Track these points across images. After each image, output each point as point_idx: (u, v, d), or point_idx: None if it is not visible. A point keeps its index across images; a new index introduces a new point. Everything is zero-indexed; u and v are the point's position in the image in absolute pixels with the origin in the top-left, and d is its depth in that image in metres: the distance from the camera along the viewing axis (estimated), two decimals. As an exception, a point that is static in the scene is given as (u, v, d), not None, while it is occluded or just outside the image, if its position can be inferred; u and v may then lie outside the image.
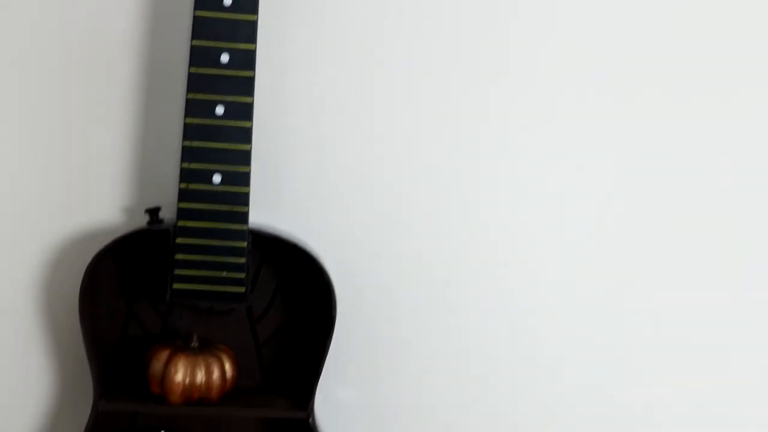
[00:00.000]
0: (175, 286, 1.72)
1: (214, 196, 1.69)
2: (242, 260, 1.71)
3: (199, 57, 1.66)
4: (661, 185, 1.89)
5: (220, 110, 1.67)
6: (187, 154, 1.68)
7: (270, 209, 1.84)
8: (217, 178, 1.69)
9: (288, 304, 1.86)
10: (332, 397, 1.91)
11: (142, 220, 1.80)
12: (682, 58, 1.85)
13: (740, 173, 1.90)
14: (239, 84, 1.67)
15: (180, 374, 1.74)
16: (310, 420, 1.79)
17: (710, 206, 1.91)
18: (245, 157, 1.69)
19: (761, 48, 1.85)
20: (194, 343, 1.78)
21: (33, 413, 1.89)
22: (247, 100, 1.68)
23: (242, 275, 1.72)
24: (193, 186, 1.69)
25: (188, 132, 1.68)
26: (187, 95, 1.67)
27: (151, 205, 1.80)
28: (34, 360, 1.88)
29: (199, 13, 1.64)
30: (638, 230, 1.90)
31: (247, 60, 1.66)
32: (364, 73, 1.83)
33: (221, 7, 1.64)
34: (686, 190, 1.90)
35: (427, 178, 1.88)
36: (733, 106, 1.87)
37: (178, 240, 1.70)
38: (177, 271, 1.71)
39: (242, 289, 1.72)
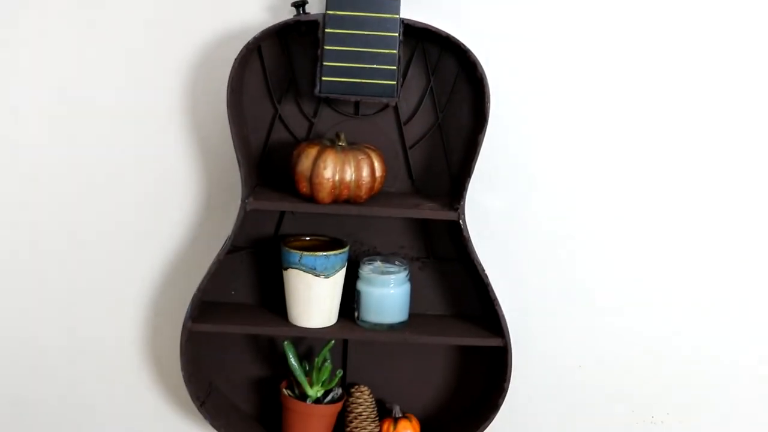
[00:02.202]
0: (325, 78, 1.67)
1: (365, -18, 1.64)
2: (394, 51, 1.66)
3: None
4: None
5: None
6: (336, -61, 1.63)
7: (419, 2, 1.77)
8: (368, -35, 1.63)
9: (437, 105, 1.81)
10: (480, 204, 1.86)
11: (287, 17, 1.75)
12: None
13: None
14: None
15: (329, 170, 1.70)
16: (461, 221, 1.74)
17: None
18: (397, -58, 1.63)
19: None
20: (342, 142, 1.75)
21: (184, 211, 1.90)
22: None
23: (393, 67, 1.66)
24: (343, -28, 1.64)
25: None
26: None
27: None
28: (182, 160, 1.88)
29: None
30: None
31: None
32: None
33: None
34: None
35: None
36: None
37: (328, 30, 1.66)
38: (326, 63, 1.67)
39: (393, 82, 1.67)
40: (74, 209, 1.90)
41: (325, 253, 1.77)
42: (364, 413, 1.88)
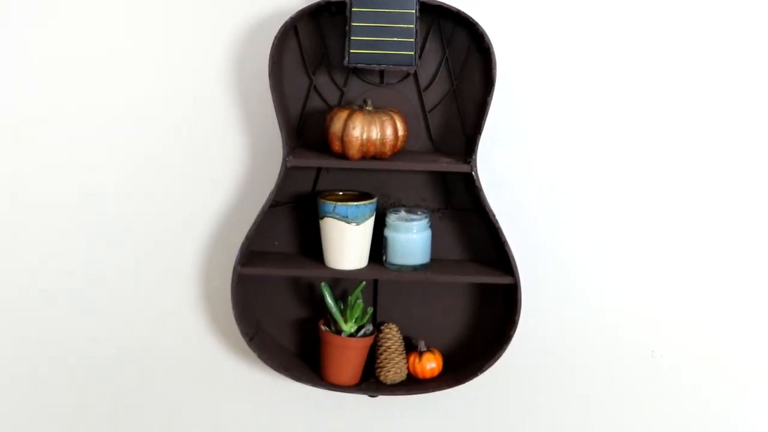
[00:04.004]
0: (353, 51, 1.93)
1: (386, -33, 1.90)
2: (411, 26, 1.91)
3: None
4: None
5: None
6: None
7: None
8: (388, -50, 1.89)
9: (452, 73, 2.05)
10: (492, 159, 2.10)
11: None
12: None
13: None
14: None
15: (358, 130, 1.96)
16: (473, 172, 1.99)
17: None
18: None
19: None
20: (369, 107, 2.00)
21: (232, 170, 2.15)
22: None
23: (411, 39, 1.92)
24: (367, -43, 1.89)
25: None
26: None
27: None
28: (231, 125, 2.13)
29: None
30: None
31: None
32: None
33: None
34: None
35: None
36: None
37: (354, 9, 1.91)
38: (353, 38, 1.92)
39: (411, 53, 1.92)
40: (140, 169, 2.15)
41: (356, 203, 2.02)
42: (392, 347, 2.12)
